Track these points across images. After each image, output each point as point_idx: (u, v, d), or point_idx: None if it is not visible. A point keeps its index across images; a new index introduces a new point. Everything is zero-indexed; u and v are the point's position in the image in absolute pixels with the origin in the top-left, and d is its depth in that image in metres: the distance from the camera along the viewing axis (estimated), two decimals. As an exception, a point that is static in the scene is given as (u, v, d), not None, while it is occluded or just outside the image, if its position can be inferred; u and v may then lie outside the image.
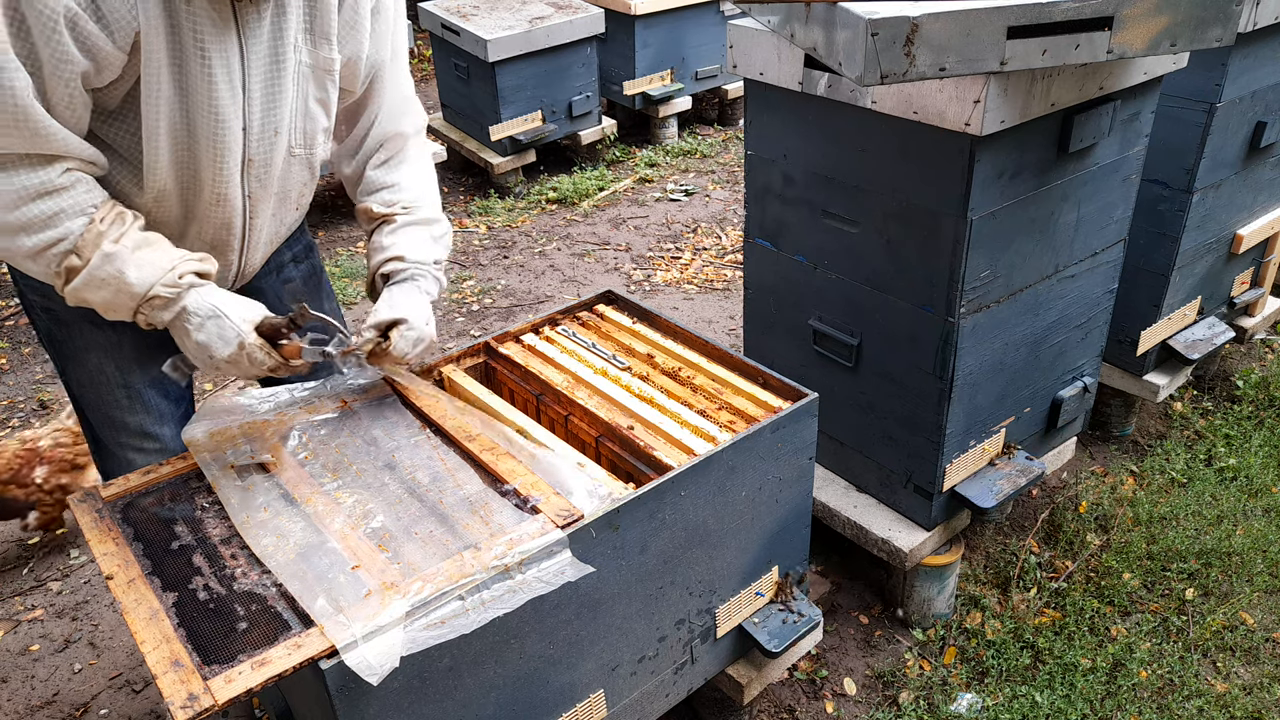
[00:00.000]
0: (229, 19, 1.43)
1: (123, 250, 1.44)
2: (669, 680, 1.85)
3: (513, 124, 5.00)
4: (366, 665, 1.28)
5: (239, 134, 1.53)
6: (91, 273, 1.43)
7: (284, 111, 1.58)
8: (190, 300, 1.49)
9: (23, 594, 2.74)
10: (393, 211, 1.80)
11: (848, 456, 2.45)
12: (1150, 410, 3.30)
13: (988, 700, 2.30)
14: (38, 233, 1.40)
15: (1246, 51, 2.47)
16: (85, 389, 1.78)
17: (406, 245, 1.78)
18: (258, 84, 1.51)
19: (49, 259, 1.43)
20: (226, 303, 1.52)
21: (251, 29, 1.46)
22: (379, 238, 1.80)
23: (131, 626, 1.35)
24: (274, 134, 1.59)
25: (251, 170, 1.60)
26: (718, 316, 4.09)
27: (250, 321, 1.53)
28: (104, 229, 1.43)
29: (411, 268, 1.76)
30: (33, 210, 1.39)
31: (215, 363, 1.52)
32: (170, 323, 1.51)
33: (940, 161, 1.91)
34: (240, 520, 1.53)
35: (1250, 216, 2.92)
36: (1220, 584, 2.62)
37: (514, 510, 1.54)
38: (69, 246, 1.42)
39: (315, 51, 1.58)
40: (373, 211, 1.81)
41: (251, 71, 1.50)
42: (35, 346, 3.99)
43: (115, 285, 1.45)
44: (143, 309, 1.48)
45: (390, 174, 1.82)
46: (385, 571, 1.41)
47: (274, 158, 1.62)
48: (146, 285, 1.45)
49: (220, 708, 1.22)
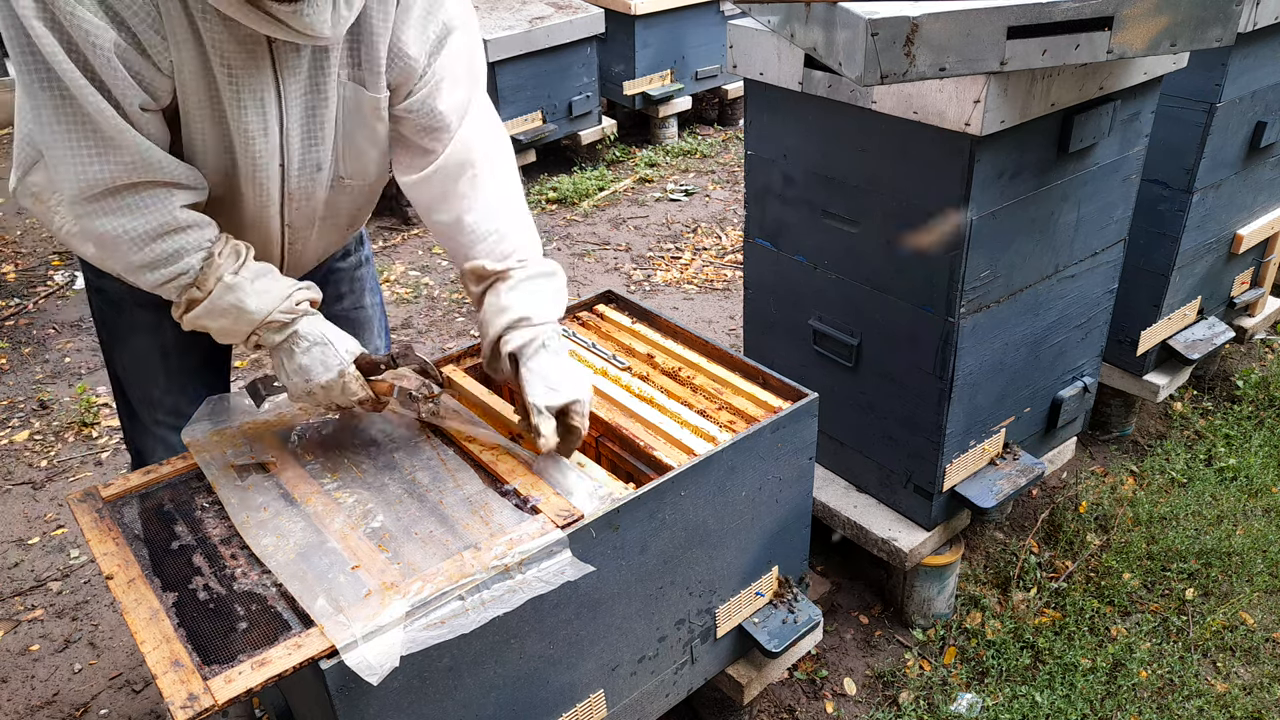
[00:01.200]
0: (264, 56, 1.41)
1: (243, 281, 1.50)
2: (669, 680, 1.85)
3: (513, 124, 5.00)
4: (366, 665, 1.28)
5: (277, 170, 1.53)
6: (213, 303, 1.49)
7: (326, 147, 1.56)
8: (303, 325, 1.55)
9: (23, 594, 2.74)
10: (507, 267, 1.64)
11: (848, 456, 2.45)
12: (1150, 410, 3.30)
13: (988, 700, 2.30)
14: (161, 268, 1.47)
15: (1246, 51, 2.47)
16: (128, 368, 1.85)
17: (531, 304, 1.62)
18: (295, 123, 1.50)
19: (170, 290, 1.50)
20: (332, 332, 1.57)
21: (289, 67, 1.44)
22: (496, 297, 1.64)
23: (131, 626, 1.35)
24: (315, 169, 1.57)
25: (292, 203, 1.60)
26: (718, 316, 4.09)
27: (352, 354, 1.57)
28: (222, 262, 1.49)
29: (542, 332, 1.61)
30: (157, 249, 1.45)
31: (310, 387, 1.56)
32: (279, 344, 1.55)
33: (940, 161, 1.91)
34: (240, 520, 1.53)
35: (1250, 216, 2.92)
36: (1220, 584, 2.62)
37: (514, 510, 1.54)
38: (190, 280, 1.48)
39: (361, 89, 1.53)
40: (484, 270, 1.64)
41: (290, 110, 1.47)
42: (35, 346, 3.99)
43: (235, 314, 1.51)
44: (258, 331, 1.54)
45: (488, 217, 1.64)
46: (385, 571, 1.41)
47: (316, 191, 1.61)
48: (265, 312, 1.51)
49: (220, 708, 1.22)
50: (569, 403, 1.59)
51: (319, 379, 1.55)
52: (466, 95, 1.62)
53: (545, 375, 1.59)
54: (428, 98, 1.57)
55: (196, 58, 1.36)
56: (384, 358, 1.60)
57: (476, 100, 1.65)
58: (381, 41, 1.49)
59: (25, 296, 4.40)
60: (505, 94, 4.89)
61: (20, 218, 5.21)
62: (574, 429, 1.61)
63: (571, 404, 1.59)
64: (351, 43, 1.49)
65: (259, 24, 1.30)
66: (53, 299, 4.39)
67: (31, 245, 4.92)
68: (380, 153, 1.65)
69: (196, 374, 1.88)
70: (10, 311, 4.26)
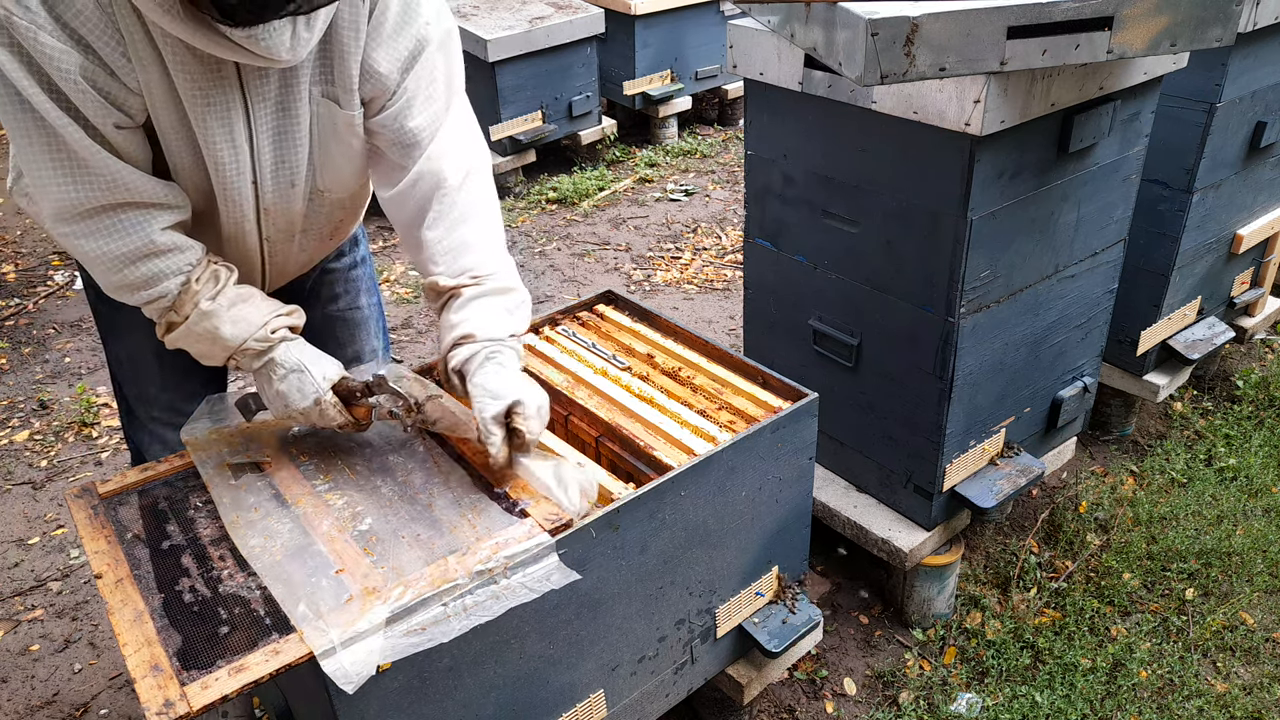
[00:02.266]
0: (231, 77, 1.40)
1: (218, 309, 1.51)
2: (669, 680, 1.85)
3: (513, 124, 5.00)
4: (343, 673, 1.28)
5: (250, 188, 1.53)
6: (189, 329, 1.51)
7: (300, 163, 1.55)
8: (279, 353, 1.56)
9: (23, 594, 2.74)
10: (459, 283, 1.62)
11: (848, 456, 2.45)
12: (1150, 410, 3.30)
13: (988, 700, 2.30)
14: (140, 291, 1.49)
15: (1246, 51, 2.47)
16: (124, 364, 1.87)
17: (478, 321, 1.60)
18: (267, 141, 1.49)
19: (151, 311, 1.53)
20: (310, 359, 1.57)
21: (256, 87, 1.43)
22: (448, 314, 1.63)
23: (116, 628, 1.35)
24: (289, 185, 1.57)
25: (268, 218, 1.60)
26: (718, 316, 4.09)
27: (329, 380, 1.58)
28: (199, 288, 1.50)
29: (486, 346, 1.59)
30: (135, 272, 1.47)
31: (289, 412, 1.58)
32: (257, 370, 1.57)
33: (940, 161, 1.91)
34: (230, 520, 1.53)
35: (1250, 216, 2.92)
36: (1220, 584, 2.62)
37: (502, 513, 1.53)
38: (168, 304, 1.50)
39: (334, 106, 1.52)
40: (439, 286, 1.64)
41: (259, 129, 1.47)
42: (35, 346, 3.99)
43: (210, 340, 1.52)
44: (235, 357, 1.55)
45: (448, 233, 1.62)
46: (369, 576, 1.40)
47: (293, 205, 1.61)
48: (240, 339, 1.52)
49: (194, 714, 1.22)
50: (510, 405, 1.55)
51: (297, 406, 1.57)
52: (441, 110, 1.59)
53: (487, 387, 1.56)
54: (399, 115, 1.55)
55: (162, 80, 1.36)
56: (360, 385, 1.60)
57: (454, 112, 1.62)
58: (353, 58, 1.47)
59: (25, 296, 4.40)
60: (505, 94, 4.90)
61: (20, 218, 5.21)
62: (517, 431, 1.57)
63: (512, 406, 1.56)
64: (324, 59, 1.47)
65: (219, 49, 1.29)
66: (53, 299, 4.39)
67: (31, 245, 4.92)
68: (358, 166, 1.65)
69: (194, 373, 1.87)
70: (10, 311, 4.26)
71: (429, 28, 1.52)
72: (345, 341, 2.02)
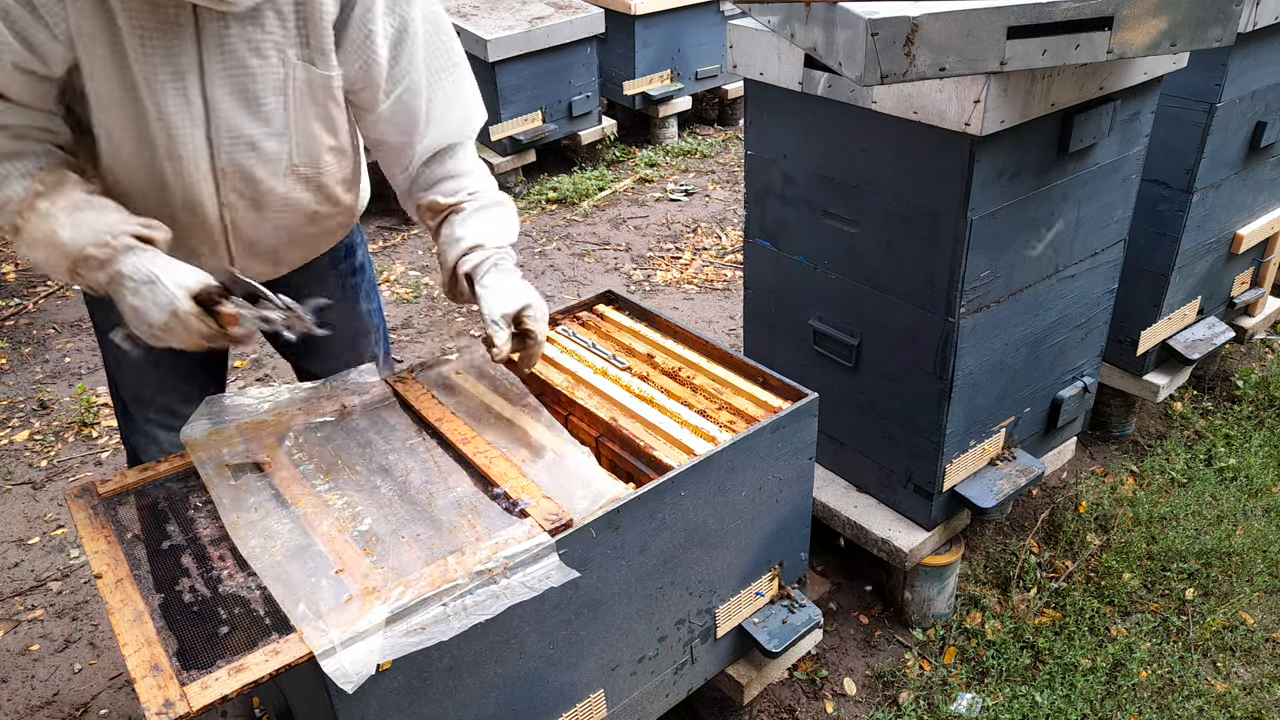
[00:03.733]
0: (187, 23, 1.39)
1: (57, 211, 1.44)
2: (669, 680, 1.85)
3: (513, 124, 5.00)
4: (343, 673, 1.28)
5: (204, 143, 1.50)
6: (30, 232, 1.45)
7: (266, 125, 1.54)
8: (126, 264, 1.43)
9: (23, 594, 2.74)
10: (458, 200, 1.75)
11: (848, 456, 2.45)
12: (1150, 410, 3.30)
13: (988, 700, 2.30)
14: None
15: (1246, 51, 2.47)
16: (119, 365, 1.85)
17: (485, 231, 1.73)
18: (224, 93, 1.47)
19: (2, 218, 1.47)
20: (165, 268, 1.45)
21: (211, 37, 1.42)
22: (450, 229, 1.74)
23: (116, 628, 1.35)
24: (248, 147, 1.54)
25: (226, 180, 1.57)
26: (718, 316, 4.09)
27: (186, 288, 1.44)
28: (42, 190, 1.44)
29: (494, 254, 1.72)
30: None
31: (153, 330, 1.46)
32: (107, 286, 1.46)
33: (940, 161, 1.91)
34: (230, 520, 1.53)
35: (1250, 216, 2.92)
36: (1220, 584, 2.62)
37: (502, 513, 1.53)
38: (16, 208, 1.45)
39: (311, 68, 1.53)
40: (438, 204, 1.75)
41: (213, 80, 1.46)
42: (35, 346, 3.99)
43: (48, 243, 1.44)
44: (79, 269, 1.46)
45: (444, 166, 1.75)
46: (369, 576, 1.40)
47: (256, 171, 1.58)
48: (79, 245, 1.43)
49: (194, 714, 1.22)
50: (521, 308, 1.67)
51: (155, 320, 1.43)
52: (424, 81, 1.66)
53: (497, 290, 1.68)
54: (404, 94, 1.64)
55: (104, 27, 1.35)
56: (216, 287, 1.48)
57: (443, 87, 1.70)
58: (328, 19, 1.51)
59: (25, 297, 4.40)
60: (505, 94, 4.90)
61: (20, 218, 5.20)
62: (530, 333, 1.68)
63: (523, 309, 1.67)
64: (299, 22, 1.49)
65: None
66: (53, 299, 4.39)
67: (31, 245, 4.92)
68: (335, 140, 1.65)
69: (190, 375, 1.86)
70: (10, 311, 4.26)
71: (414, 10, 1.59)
72: (344, 348, 2.02)
